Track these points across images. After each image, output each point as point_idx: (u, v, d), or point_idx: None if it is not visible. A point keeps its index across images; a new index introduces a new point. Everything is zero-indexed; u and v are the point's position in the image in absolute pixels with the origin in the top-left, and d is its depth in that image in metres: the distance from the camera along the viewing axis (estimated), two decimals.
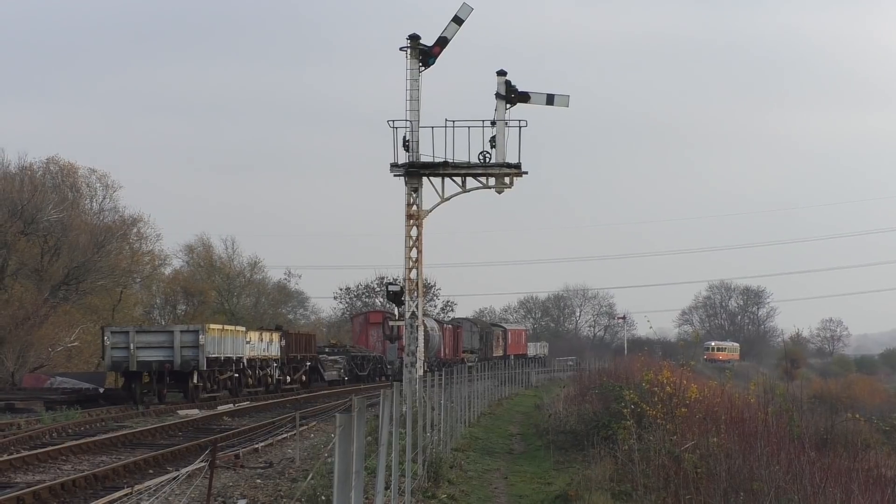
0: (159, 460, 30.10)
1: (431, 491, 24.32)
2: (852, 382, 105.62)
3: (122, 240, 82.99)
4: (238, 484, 26.27)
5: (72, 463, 30.63)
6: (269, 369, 64.73)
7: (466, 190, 42.26)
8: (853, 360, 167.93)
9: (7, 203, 69.45)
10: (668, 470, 24.16)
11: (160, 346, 54.53)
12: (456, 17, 41.70)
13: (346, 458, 10.78)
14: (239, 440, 35.67)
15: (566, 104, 42.44)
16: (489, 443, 38.87)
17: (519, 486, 27.60)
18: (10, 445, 34.08)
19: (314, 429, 40.96)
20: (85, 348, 72.96)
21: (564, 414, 42.35)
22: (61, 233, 72.77)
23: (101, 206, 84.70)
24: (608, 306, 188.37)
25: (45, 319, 69.12)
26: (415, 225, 41.81)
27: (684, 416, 28.24)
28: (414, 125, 41.63)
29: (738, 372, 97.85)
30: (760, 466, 22.26)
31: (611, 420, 32.53)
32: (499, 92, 42.06)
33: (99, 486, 25.75)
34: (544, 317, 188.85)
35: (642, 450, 26.13)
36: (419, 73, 41.63)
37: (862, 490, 20.35)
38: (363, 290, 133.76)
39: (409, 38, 41.62)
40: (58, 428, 39.58)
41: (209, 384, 56.75)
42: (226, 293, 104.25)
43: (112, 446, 34.61)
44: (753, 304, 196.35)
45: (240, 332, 60.43)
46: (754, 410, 29.41)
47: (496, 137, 41.85)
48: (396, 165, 41.92)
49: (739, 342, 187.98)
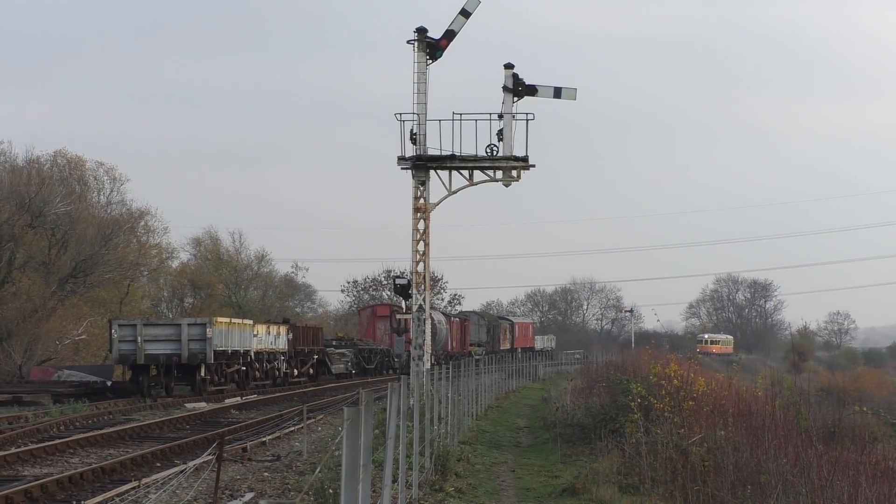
0: (167, 453, 30.14)
1: (439, 484, 24.32)
2: (860, 375, 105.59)
3: (130, 233, 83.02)
4: (246, 477, 26.31)
5: (79, 456, 30.66)
6: (276, 362, 64.78)
7: (474, 183, 42.18)
8: (861, 353, 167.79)
9: (15, 196, 69.50)
10: (675, 463, 24.17)
11: (168, 339, 54.58)
12: (463, 10, 41.60)
13: (353, 451, 10.77)
14: (246, 433, 35.72)
15: (574, 97, 42.32)
16: (496, 436, 38.88)
17: (526, 479, 27.61)
18: (18, 438, 34.15)
19: (321, 422, 40.99)
20: (92, 341, 73.08)
21: (572, 407, 42.33)
22: (69, 226, 72.83)
23: (109, 199, 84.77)
24: (615, 299, 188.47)
25: (53, 312, 69.23)
26: (422, 218, 41.74)
27: (692, 410, 28.22)
28: (421, 118, 41.53)
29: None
30: (768, 459, 22.26)
31: (618, 413, 32.52)
32: (506, 85, 41.96)
33: (106, 479, 25.79)
34: (551, 310, 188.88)
35: (650, 443, 26.13)
36: (426, 66, 41.52)
37: (870, 483, 20.33)
38: (370, 283, 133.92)
39: (417, 30, 41.50)
40: (65, 421, 39.63)
41: (217, 377, 56.83)
42: (233, 286, 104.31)
43: (119, 439, 34.66)
44: (761, 297, 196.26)
45: (247, 325, 60.47)
46: (762, 403, 29.39)
47: (503, 130, 41.75)
48: (403, 158, 41.83)
49: (746, 335, 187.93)
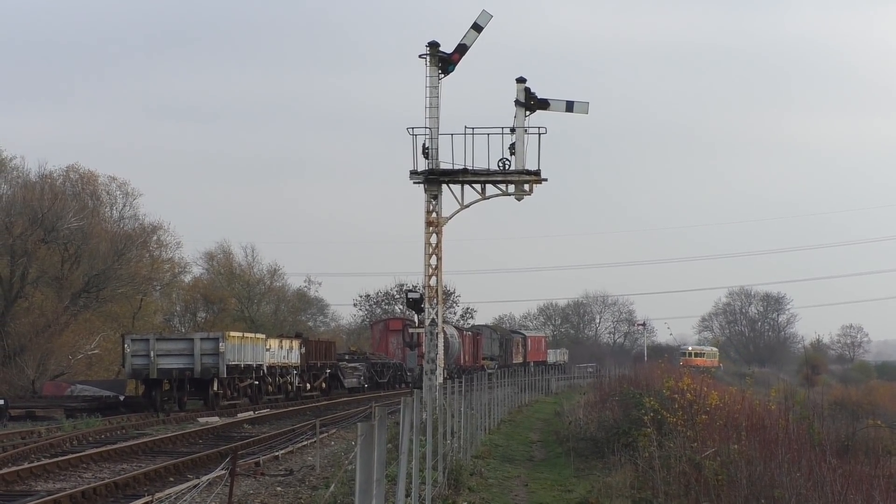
0: (180, 468, 30.15)
1: (452, 498, 24.31)
2: (873, 389, 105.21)
3: (142, 247, 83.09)
4: (258, 492, 26.32)
5: (92, 471, 30.69)
6: (289, 377, 64.79)
7: (486, 197, 42.21)
8: (874, 367, 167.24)
9: (27, 211, 69.64)
10: (688, 477, 24.14)
11: (180, 354, 54.62)
12: (475, 25, 41.68)
13: (367, 466, 10.78)
14: (259, 448, 35.71)
15: (586, 111, 42.35)
16: (509, 450, 38.84)
17: (539, 494, 27.58)
18: (31, 453, 34.19)
19: (334, 436, 40.98)
20: (105, 356, 73.15)
21: (585, 421, 42.31)
22: (81, 241, 72.93)
23: (122, 213, 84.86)
24: (628, 313, 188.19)
25: (66, 327, 69.35)
26: (434, 232, 41.77)
27: (705, 423, 28.21)
28: (433, 132, 41.58)
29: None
30: (781, 473, 22.21)
31: (631, 427, 32.51)
32: (518, 99, 42.02)
33: (120, 493, 25.82)
34: (564, 323, 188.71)
35: (663, 457, 26.10)
36: (439, 81, 41.59)
37: (883, 497, 20.30)
38: (383, 297, 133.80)
39: (429, 45, 41.57)
40: (78, 436, 39.67)
41: (229, 391, 56.84)
42: (245, 300, 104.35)
43: (132, 454, 34.68)
44: (773, 310, 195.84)
45: (260, 339, 60.50)
46: (775, 417, 29.36)
47: (515, 144, 41.80)
48: (416, 173, 41.88)
49: (759, 348, 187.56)
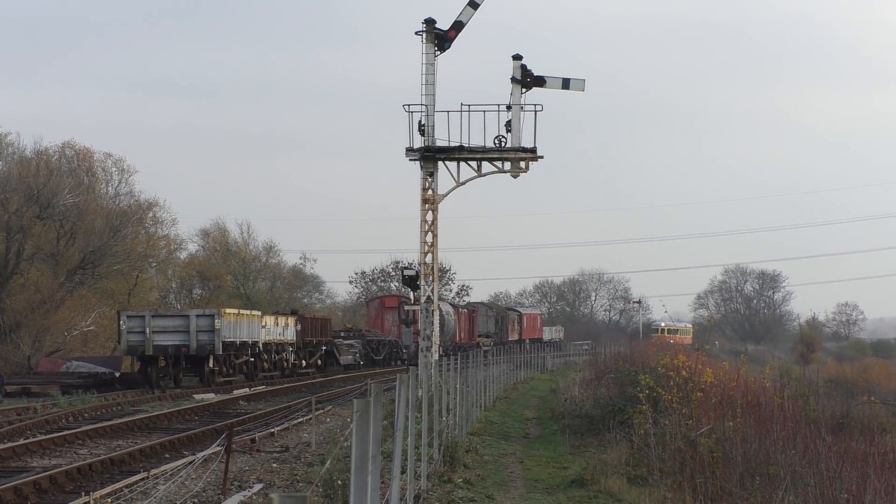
0: (175, 445, 30.18)
1: (447, 475, 24.33)
2: (868, 366, 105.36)
3: (138, 224, 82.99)
4: (254, 468, 26.35)
5: (88, 447, 30.72)
6: (284, 353, 64.84)
7: (482, 174, 42.21)
8: (869, 344, 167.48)
9: (23, 188, 69.58)
10: (683, 454, 24.18)
11: (176, 331, 54.62)
12: (471, 1, 41.61)
13: (363, 442, 10.78)
14: (255, 424, 35.76)
15: (582, 88, 42.33)
16: (505, 427, 38.88)
17: (535, 471, 27.61)
18: (27, 430, 34.22)
19: (330, 413, 41.03)
20: (101, 332, 73.17)
21: (580, 398, 42.35)
22: (77, 217, 72.89)
23: (117, 190, 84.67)
24: (623, 290, 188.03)
25: (61, 304, 69.31)
26: (430, 209, 41.78)
27: (700, 401, 28.22)
28: (429, 109, 41.56)
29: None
30: (776, 451, 22.27)
31: (626, 404, 32.52)
32: (514, 76, 41.98)
33: (115, 470, 25.83)
34: (560, 301, 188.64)
35: (658, 434, 26.15)
36: (434, 58, 41.54)
37: (878, 474, 20.33)
38: (378, 274, 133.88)
39: (425, 22, 41.51)
40: (74, 412, 39.69)
41: (225, 368, 56.86)
42: (241, 277, 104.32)
43: (128, 430, 34.72)
44: (769, 288, 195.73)
45: (255, 316, 60.51)
46: (770, 395, 29.39)
47: (511, 122, 41.78)
48: (412, 150, 41.87)
49: (755, 326, 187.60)
